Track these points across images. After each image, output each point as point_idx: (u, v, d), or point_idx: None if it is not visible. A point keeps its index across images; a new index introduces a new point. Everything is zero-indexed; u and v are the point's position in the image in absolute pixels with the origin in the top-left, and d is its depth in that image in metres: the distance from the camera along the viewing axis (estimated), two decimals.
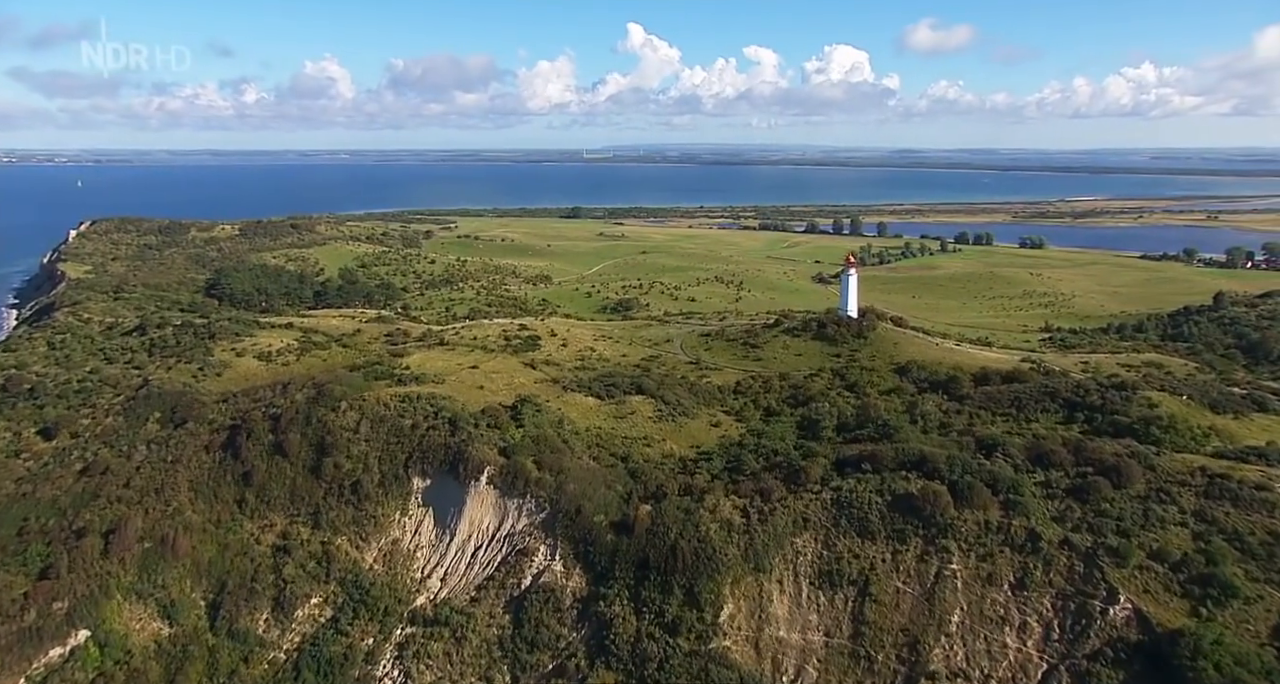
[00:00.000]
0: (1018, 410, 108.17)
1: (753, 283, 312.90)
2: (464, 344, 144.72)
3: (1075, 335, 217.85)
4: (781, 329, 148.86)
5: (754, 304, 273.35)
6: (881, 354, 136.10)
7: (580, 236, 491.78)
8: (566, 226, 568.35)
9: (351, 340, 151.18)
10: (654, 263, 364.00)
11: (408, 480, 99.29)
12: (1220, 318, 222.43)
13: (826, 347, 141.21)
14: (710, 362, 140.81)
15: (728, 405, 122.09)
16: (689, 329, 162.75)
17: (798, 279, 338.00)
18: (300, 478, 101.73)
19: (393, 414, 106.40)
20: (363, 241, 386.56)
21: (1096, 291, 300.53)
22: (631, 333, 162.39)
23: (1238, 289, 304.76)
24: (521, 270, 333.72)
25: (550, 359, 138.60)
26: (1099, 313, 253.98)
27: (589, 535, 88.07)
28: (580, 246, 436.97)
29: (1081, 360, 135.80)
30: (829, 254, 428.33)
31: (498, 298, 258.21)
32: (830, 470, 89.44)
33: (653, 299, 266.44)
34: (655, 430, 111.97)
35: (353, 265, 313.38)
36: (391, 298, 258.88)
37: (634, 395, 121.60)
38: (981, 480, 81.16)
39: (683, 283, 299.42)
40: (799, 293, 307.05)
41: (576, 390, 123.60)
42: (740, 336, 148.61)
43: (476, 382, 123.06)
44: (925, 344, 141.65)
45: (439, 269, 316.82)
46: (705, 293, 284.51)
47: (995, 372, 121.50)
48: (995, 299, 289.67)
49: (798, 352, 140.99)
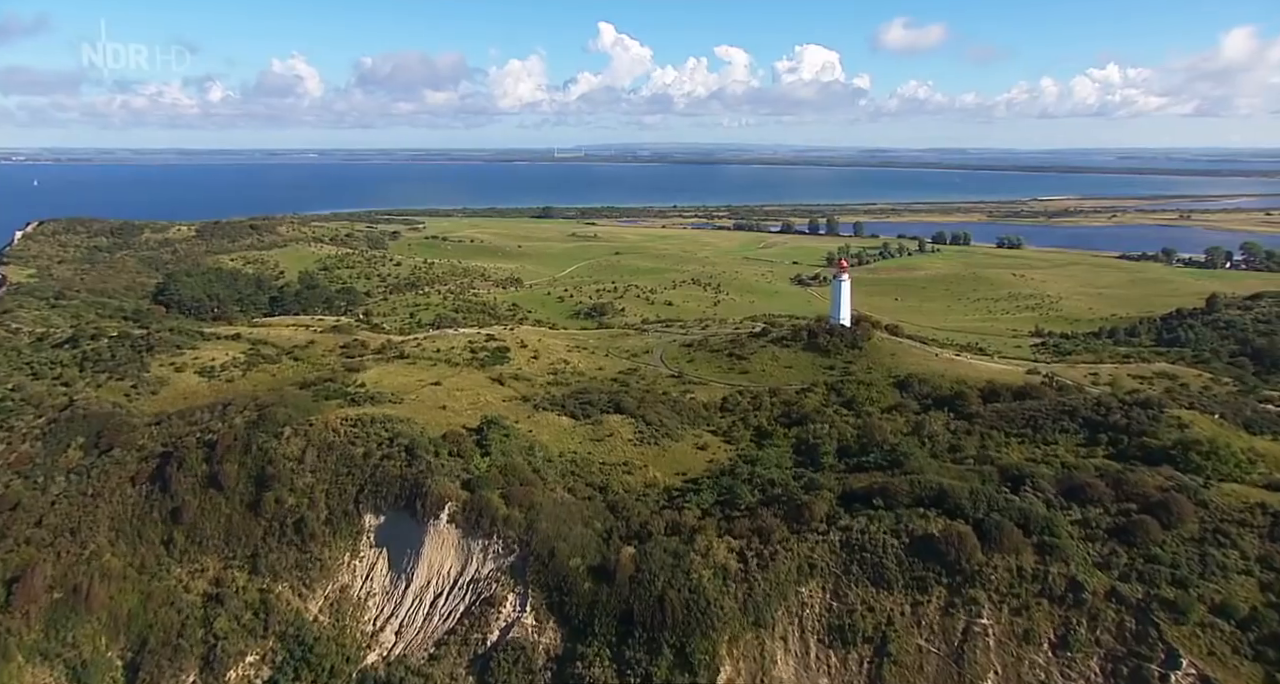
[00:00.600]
0: (1034, 431, 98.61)
1: (730, 285, 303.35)
2: (426, 357, 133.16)
3: (1068, 340, 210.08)
4: (770, 339, 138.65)
5: (733, 308, 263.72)
6: (878, 366, 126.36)
7: (552, 237, 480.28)
8: (538, 227, 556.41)
9: (304, 353, 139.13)
10: (628, 264, 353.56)
11: (358, 518, 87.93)
12: (1215, 321, 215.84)
13: (818, 358, 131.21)
14: (694, 375, 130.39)
15: (714, 425, 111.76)
16: (669, 338, 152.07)
17: (776, 281, 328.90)
18: (237, 515, 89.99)
19: (343, 441, 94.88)
20: (326, 243, 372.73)
21: (1081, 293, 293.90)
22: (608, 343, 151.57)
23: (1221, 290, 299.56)
24: (491, 273, 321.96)
25: (520, 373, 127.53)
26: (1088, 316, 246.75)
27: (564, 582, 77.26)
28: (552, 247, 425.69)
29: (1090, 372, 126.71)
30: (806, 255, 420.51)
31: (465, 303, 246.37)
32: (836, 506, 79.20)
33: (628, 303, 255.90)
34: (636, 455, 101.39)
35: (314, 268, 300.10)
36: (353, 303, 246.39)
37: (612, 414, 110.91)
38: (1011, 519, 71.34)
39: (658, 285, 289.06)
40: (778, 295, 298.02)
41: (549, 409, 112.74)
42: (725, 347, 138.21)
43: (438, 400, 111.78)
44: (924, 355, 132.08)
45: (405, 272, 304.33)
46: (682, 296, 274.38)
47: (1004, 386, 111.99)
48: (980, 301, 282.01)
49: (788, 363, 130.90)
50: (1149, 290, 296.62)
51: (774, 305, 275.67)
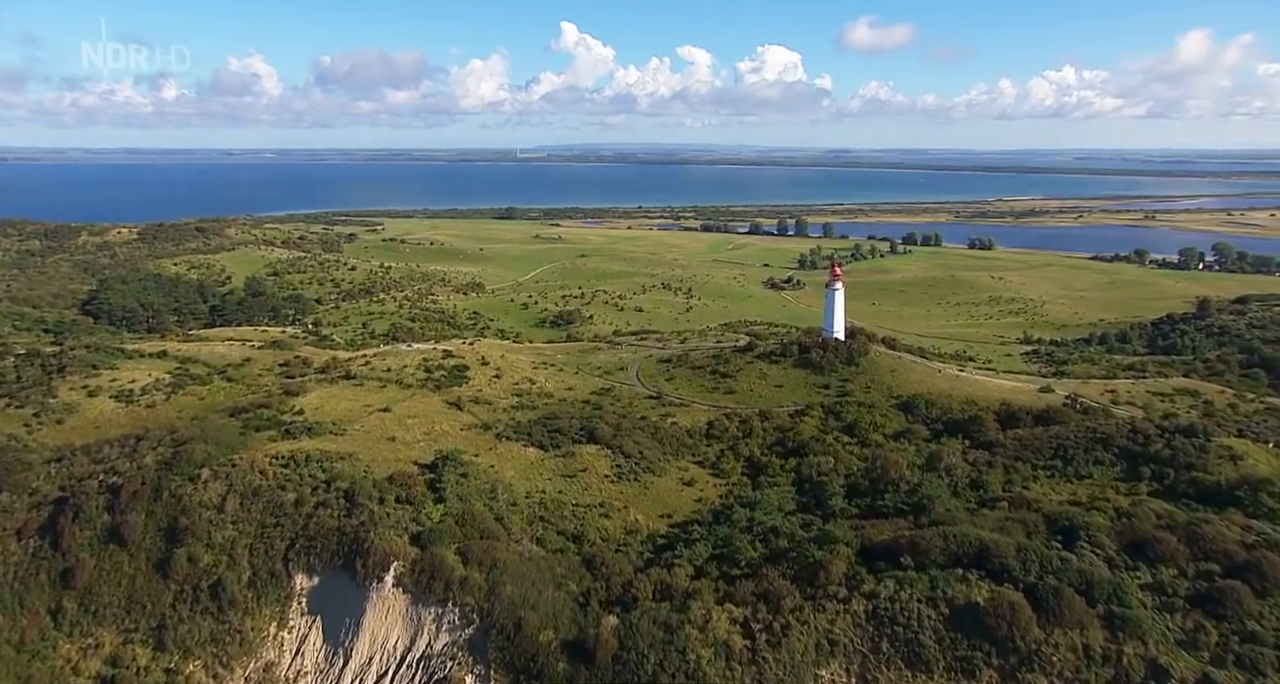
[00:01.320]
0: (1064, 463, 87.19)
1: (702, 289, 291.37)
2: (375, 378, 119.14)
3: (1060, 348, 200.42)
4: (757, 354, 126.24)
5: (705, 313, 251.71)
6: (878, 385, 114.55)
7: (515, 238, 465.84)
8: (500, 228, 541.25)
9: (238, 373, 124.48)
10: (594, 267, 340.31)
11: (288, 579, 74.09)
12: (1208, 327, 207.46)
13: (811, 375, 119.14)
14: (674, 395, 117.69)
15: (700, 455, 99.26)
16: (645, 353, 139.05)
17: (748, 284, 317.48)
18: (142, 577, 75.71)
19: (271, 485, 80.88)
20: (278, 246, 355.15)
21: (1063, 296, 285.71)
22: (577, 358, 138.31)
23: (1201, 292, 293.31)
24: (451, 277, 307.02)
25: (481, 396, 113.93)
26: (1075, 321, 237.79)
27: (534, 661, 64.20)
28: (515, 250, 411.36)
29: (1107, 389, 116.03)
30: (776, 256, 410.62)
31: (423, 311, 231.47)
32: (856, 564, 66.86)
33: (596, 310, 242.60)
34: (614, 493, 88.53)
35: (263, 273, 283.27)
36: (302, 312, 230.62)
37: (585, 445, 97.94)
38: (1070, 585, 59.45)
39: (628, 290, 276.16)
40: (752, 299, 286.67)
41: (513, 438, 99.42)
42: (708, 363, 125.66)
43: (387, 431, 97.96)
44: (926, 371, 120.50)
45: (360, 276, 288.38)
46: (653, 302, 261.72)
47: (1023, 409, 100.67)
48: (960, 305, 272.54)
49: (778, 382, 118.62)
50: (1130, 293, 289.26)
51: (748, 310, 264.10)
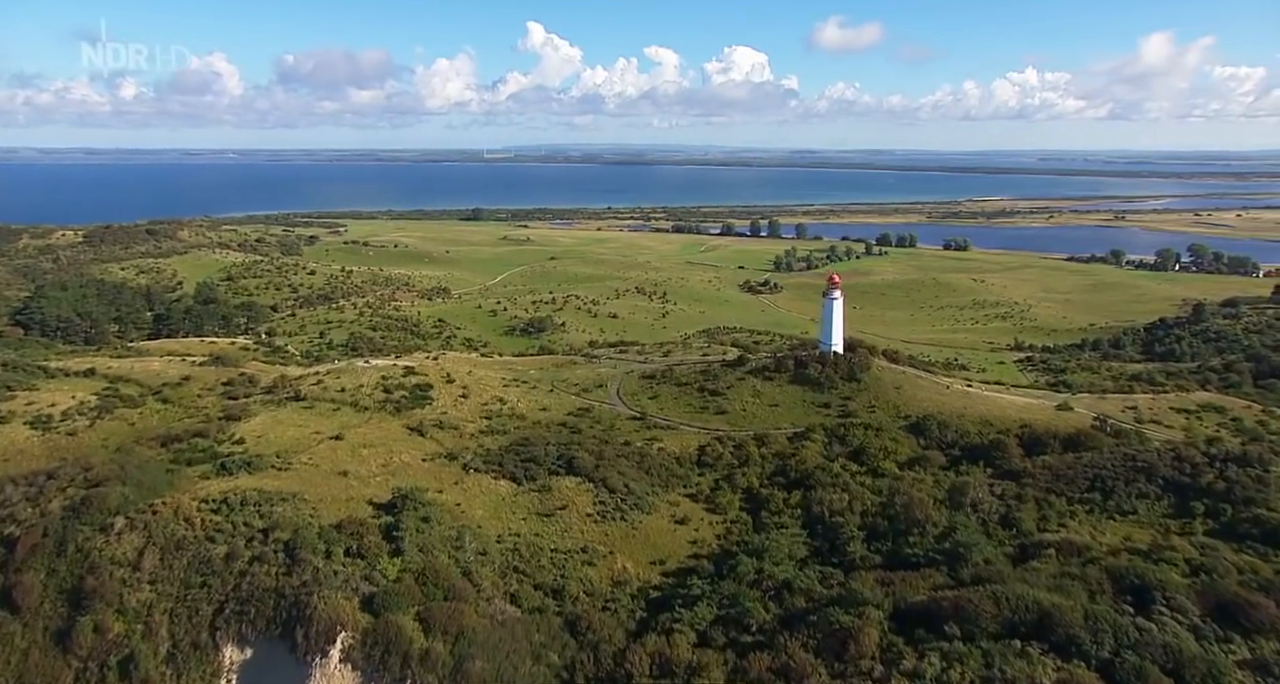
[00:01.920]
0: (1103, 497, 77.72)
1: (677, 293, 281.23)
2: (327, 399, 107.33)
3: (1054, 354, 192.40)
4: (748, 369, 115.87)
5: (682, 319, 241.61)
6: (883, 403, 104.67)
7: (482, 241, 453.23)
8: (467, 229, 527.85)
9: (175, 394, 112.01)
10: (565, 271, 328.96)
11: (215, 652, 62.48)
12: (1203, 331, 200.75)
13: (809, 393, 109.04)
14: (659, 416, 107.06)
15: (692, 486, 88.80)
16: (625, 368, 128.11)
17: (724, 288, 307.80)
18: (37, 651, 63.70)
19: (198, 536, 69.22)
20: (234, 249, 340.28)
21: (1046, 299, 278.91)
22: (552, 373, 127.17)
23: (1181, 294, 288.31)
24: (416, 281, 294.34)
25: (446, 419, 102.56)
26: (1064, 326, 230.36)
27: None
28: (482, 252, 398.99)
29: (1126, 406, 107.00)
30: (751, 258, 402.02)
31: (384, 319, 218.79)
32: (890, 632, 56.57)
33: (569, 317, 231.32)
34: (598, 536, 77.81)
35: (217, 278, 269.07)
36: (255, 320, 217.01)
37: (564, 476, 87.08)
38: (1155, 662, 49.54)
39: (601, 295, 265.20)
40: (729, 304, 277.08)
41: (483, 470, 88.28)
42: (695, 379, 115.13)
43: (338, 463, 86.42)
44: (933, 388, 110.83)
45: (319, 281, 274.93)
46: (628, 307, 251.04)
47: (1047, 432, 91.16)
48: (944, 309, 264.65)
49: (773, 400, 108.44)
50: (1113, 296, 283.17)
51: (725, 315, 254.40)
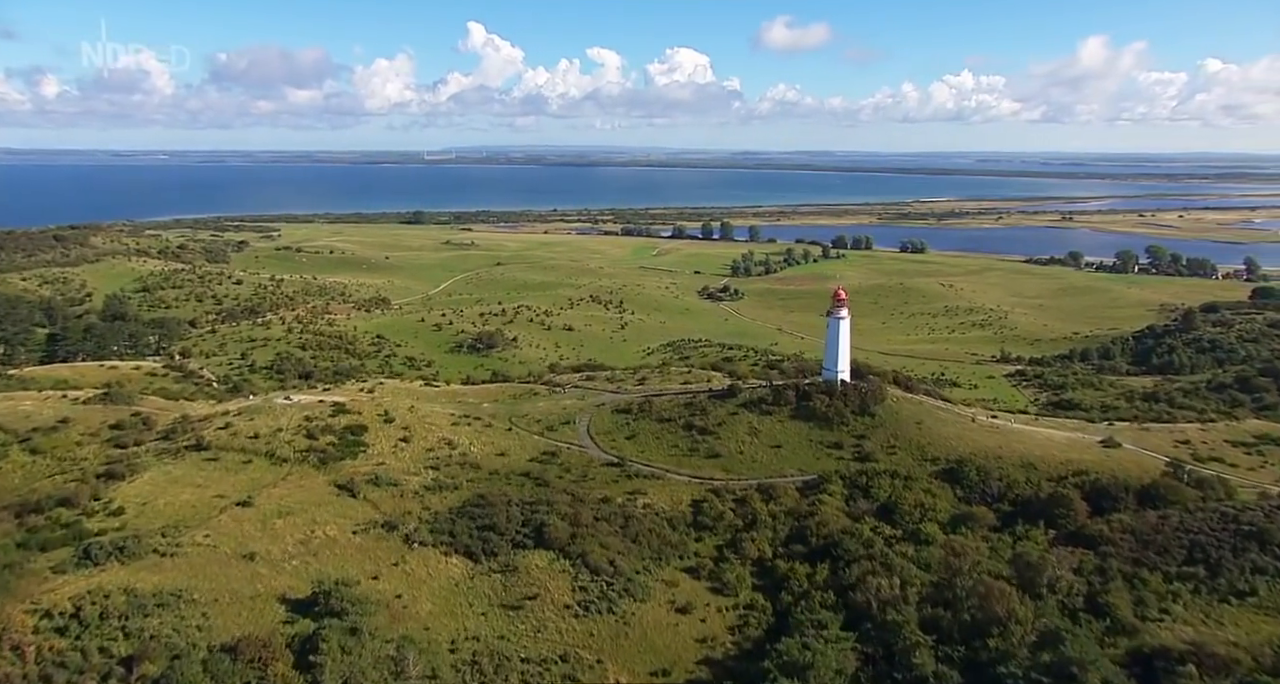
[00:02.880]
0: (1209, 573, 62.75)
1: (634, 302, 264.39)
2: (237, 448, 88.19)
3: (1046, 368, 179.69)
4: (741, 402, 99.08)
5: (642, 331, 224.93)
6: (904, 443, 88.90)
7: (424, 245, 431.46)
8: (408, 233, 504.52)
9: (48, 441, 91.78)
10: (513, 278, 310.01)
11: None
12: (1195, 340, 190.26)
13: (816, 430, 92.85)
14: (640, 460, 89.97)
15: (690, 556, 72.13)
16: (595, 399, 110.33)
17: (683, 295, 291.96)
18: None
19: (30, 675, 50.36)
20: (153, 256, 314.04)
21: (1019, 304, 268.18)
22: (509, 406, 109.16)
23: (1152, 298, 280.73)
24: (353, 290, 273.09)
25: (383, 473, 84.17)
26: (1046, 334, 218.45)
27: None
28: (424, 257, 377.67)
29: (1177, 439, 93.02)
30: (706, 262, 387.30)
31: (316, 336, 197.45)
32: None
33: (520, 330, 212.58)
34: (581, 637, 60.56)
35: (131, 289, 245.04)
36: (168, 338, 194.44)
37: (532, 550, 69.77)
38: None
39: (554, 305, 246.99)
40: (690, 313, 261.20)
41: (430, 543, 70.46)
42: (679, 414, 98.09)
43: (243, 541, 67.83)
44: (957, 422, 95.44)
45: (246, 292, 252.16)
46: (583, 318, 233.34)
47: (1114, 482, 76.14)
48: (917, 317, 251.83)
49: (774, 440, 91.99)
50: (1086, 301, 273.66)
51: (687, 325, 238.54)
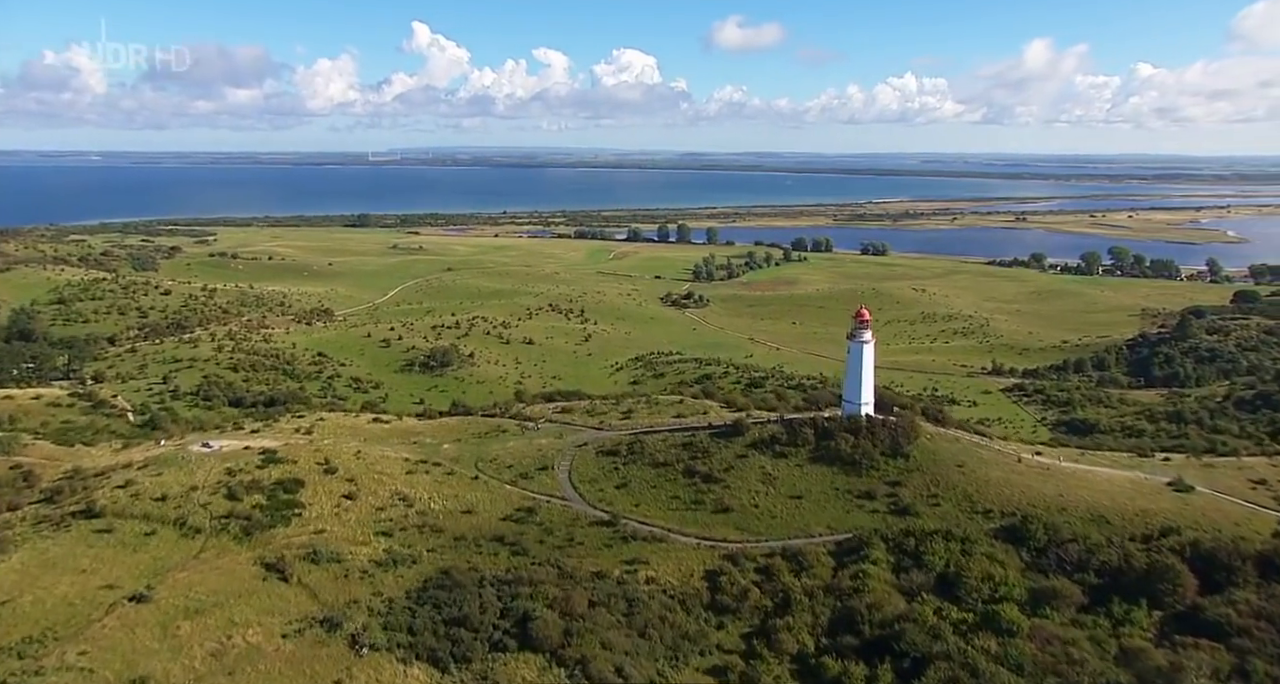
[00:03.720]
0: None
1: (597, 310, 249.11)
2: (138, 514, 71.37)
3: (1044, 381, 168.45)
4: (750, 442, 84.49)
5: (608, 344, 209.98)
6: (948, 491, 75.21)
7: (369, 250, 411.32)
8: (352, 237, 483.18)
9: None
10: (465, 285, 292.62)
11: None
12: (1193, 348, 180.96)
13: (842, 475, 78.80)
14: (635, 515, 75.09)
15: (712, 651, 57.51)
16: (575, 438, 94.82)
17: (646, 302, 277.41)
18: None
19: None
20: (73, 265, 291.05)
21: (999, 310, 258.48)
22: (474, 447, 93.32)
23: (1128, 301, 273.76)
24: (293, 300, 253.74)
25: (322, 544, 68.09)
26: (1035, 343, 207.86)
27: None
28: (369, 263, 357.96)
29: (1252, 479, 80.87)
30: (665, 267, 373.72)
31: (249, 355, 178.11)
32: None
33: (477, 344, 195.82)
34: None
35: (43, 302, 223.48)
36: (81, 358, 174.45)
37: (514, 654, 54.51)
38: None
39: (511, 315, 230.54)
40: (655, 322, 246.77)
41: (381, 646, 54.77)
42: (677, 457, 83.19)
43: (132, 661, 51.28)
44: (1000, 462, 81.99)
45: (175, 303, 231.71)
46: (543, 329, 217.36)
47: (1223, 547, 63.07)
48: (894, 324, 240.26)
49: (793, 488, 77.72)
50: (1063, 305, 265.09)
51: (655, 336, 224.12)
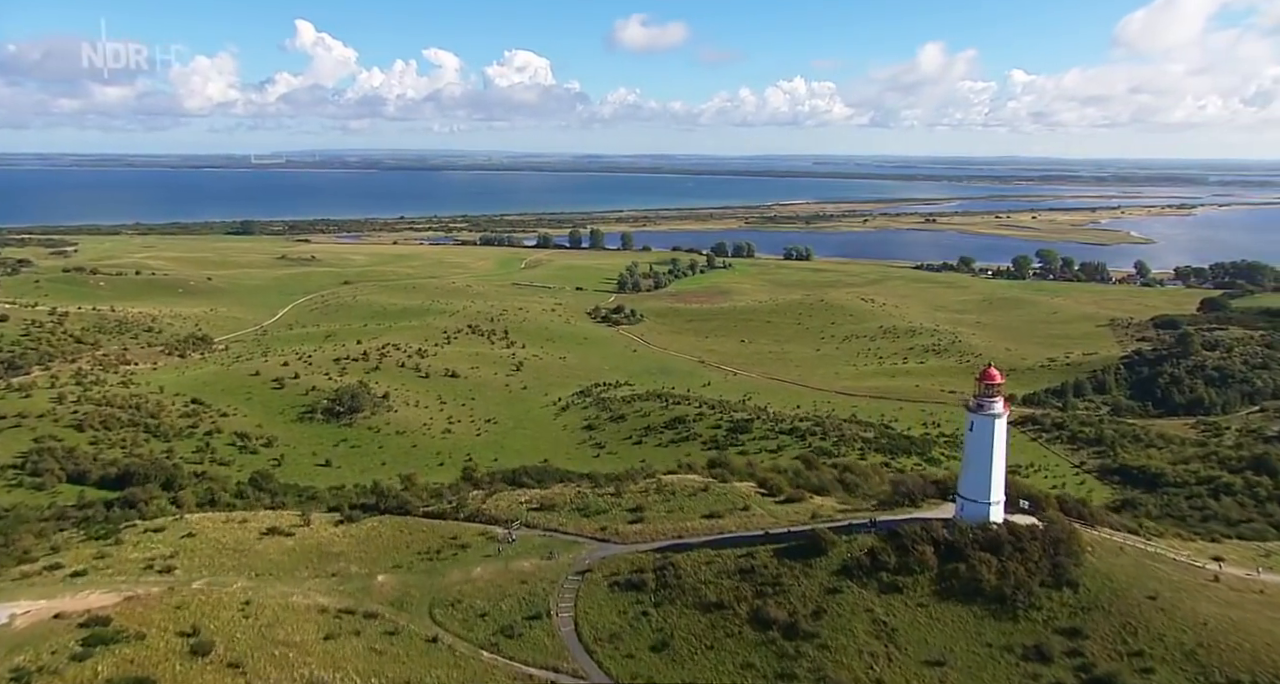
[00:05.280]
0: None
1: (521, 331, 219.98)
2: None
3: (1055, 410, 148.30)
4: (837, 565, 57.80)
5: (543, 372, 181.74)
6: (1154, 644, 50.67)
7: (255, 261, 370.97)
8: (236, 247, 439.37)
9: None
10: (368, 302, 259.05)
11: None
12: (1199, 367, 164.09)
13: (990, 620, 53.57)
14: None
15: None
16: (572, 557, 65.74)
17: (574, 318, 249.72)
18: None
19: None
20: None
21: (955, 322, 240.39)
22: (424, 578, 63.87)
23: (1076, 308, 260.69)
24: (164, 325, 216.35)
25: None
26: (1020, 362, 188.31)
27: None
28: (255, 277, 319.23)
29: None
30: (584, 276, 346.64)
31: (102, 405, 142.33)
32: None
33: (390, 380, 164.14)
34: None
35: None
36: None
37: None
38: None
39: (426, 340, 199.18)
40: (590, 343, 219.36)
41: None
42: (735, 591, 56.14)
43: None
44: (1200, 585, 58.07)
45: (12, 333, 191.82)
46: (467, 358, 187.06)
47: None
48: (852, 340, 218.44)
49: (927, 647, 51.92)
50: (1021, 315, 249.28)
51: (592, 360, 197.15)
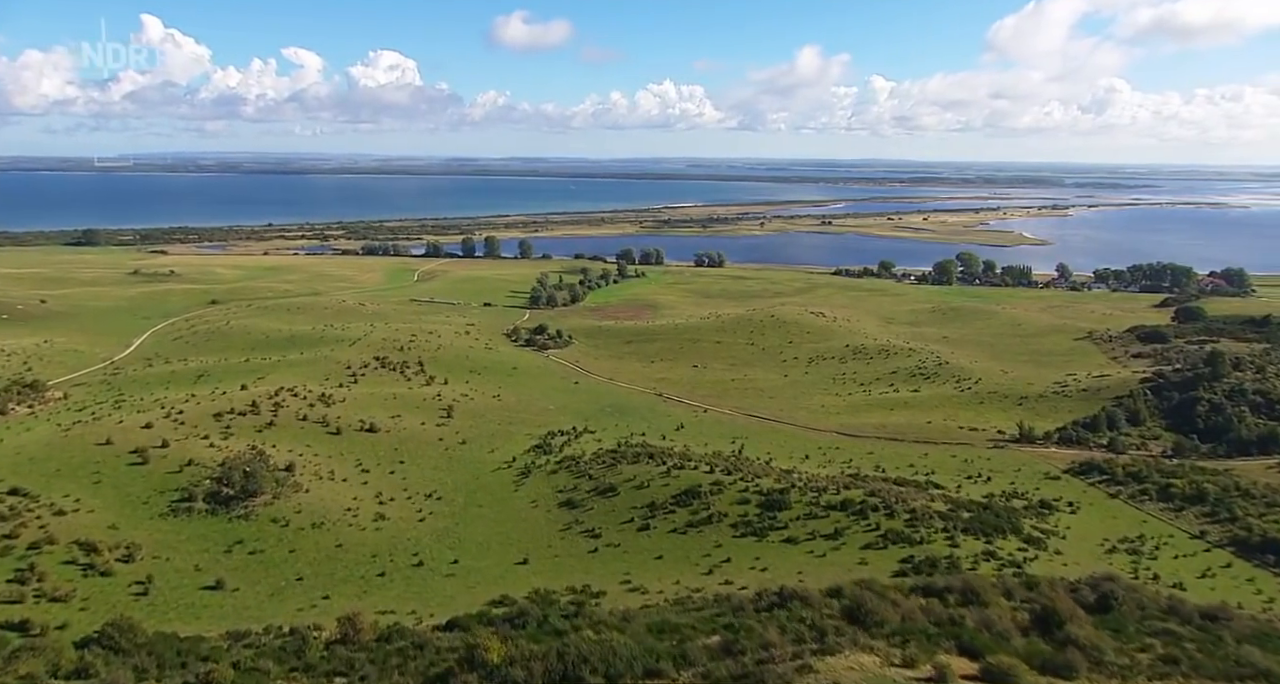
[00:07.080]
0: None
1: (439, 362, 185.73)
2: None
3: (1103, 452, 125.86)
4: None
5: (480, 419, 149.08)
6: None
7: (101, 277, 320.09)
8: (77, 260, 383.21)
9: None
10: (246, 328, 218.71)
11: None
12: (1238, 391, 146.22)
13: None
14: None
15: None
16: None
17: (495, 343, 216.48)
18: None
19: None
20: None
21: (914, 334, 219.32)
22: None
23: (1041, 319, 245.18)
24: None
25: None
26: (1025, 389, 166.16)
27: None
28: (103, 297, 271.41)
29: None
30: (488, 289, 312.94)
31: None
32: None
33: (294, 442, 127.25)
34: None
35: None
36: None
37: None
38: None
39: (327, 379, 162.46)
40: (523, 374, 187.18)
41: None
42: None
43: None
44: None
45: None
46: (383, 403, 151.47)
47: None
48: (821, 362, 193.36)
49: None
50: (990, 328, 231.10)
51: (529, 396, 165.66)
